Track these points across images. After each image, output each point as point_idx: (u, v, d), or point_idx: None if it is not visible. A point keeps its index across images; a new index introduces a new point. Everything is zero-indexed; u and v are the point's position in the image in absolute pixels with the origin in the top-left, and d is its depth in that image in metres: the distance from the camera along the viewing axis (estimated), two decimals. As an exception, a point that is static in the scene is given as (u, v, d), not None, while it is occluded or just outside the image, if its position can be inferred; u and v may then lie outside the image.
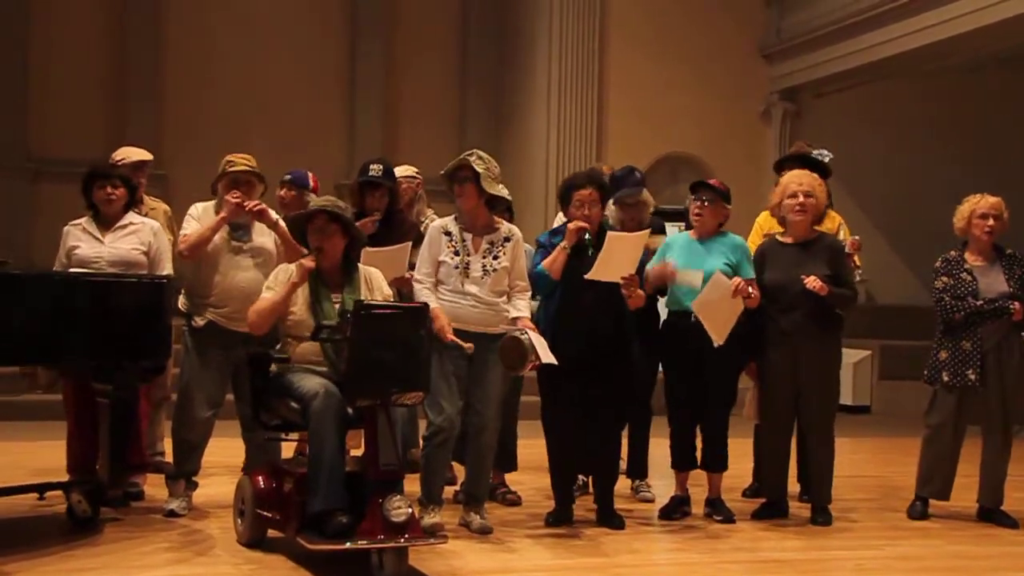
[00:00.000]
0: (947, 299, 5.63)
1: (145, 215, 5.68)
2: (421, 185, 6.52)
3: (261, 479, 4.62)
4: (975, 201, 5.70)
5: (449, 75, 12.81)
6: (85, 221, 5.35)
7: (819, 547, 5.15)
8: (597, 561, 4.71)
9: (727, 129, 11.98)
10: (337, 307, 4.63)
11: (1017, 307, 5.53)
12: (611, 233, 5.23)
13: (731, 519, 5.47)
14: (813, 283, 5.34)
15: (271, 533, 4.63)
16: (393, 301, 4.92)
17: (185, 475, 5.29)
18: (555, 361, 4.87)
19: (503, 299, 5.06)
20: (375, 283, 4.83)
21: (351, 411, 4.38)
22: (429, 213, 6.40)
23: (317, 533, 4.22)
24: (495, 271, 5.03)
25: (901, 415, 10.18)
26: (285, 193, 6.13)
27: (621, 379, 5.27)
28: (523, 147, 12.18)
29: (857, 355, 11.06)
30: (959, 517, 5.76)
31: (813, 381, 5.50)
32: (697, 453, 5.59)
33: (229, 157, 5.34)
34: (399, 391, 4.26)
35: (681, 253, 5.50)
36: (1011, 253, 5.72)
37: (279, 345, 4.81)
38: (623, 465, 5.88)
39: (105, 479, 4.87)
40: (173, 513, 5.16)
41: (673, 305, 5.51)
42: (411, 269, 5.34)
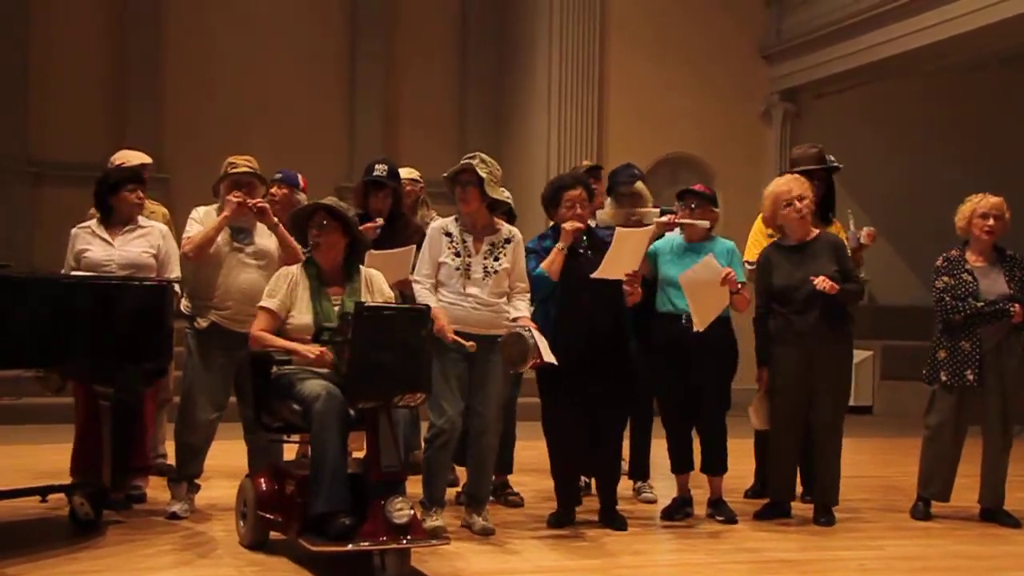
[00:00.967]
0: (947, 299, 5.63)
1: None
2: (423, 189, 6.52)
3: (263, 481, 4.62)
4: (976, 201, 5.70)
5: (449, 76, 12.81)
6: (93, 224, 5.35)
7: (822, 547, 5.15)
8: (599, 562, 4.71)
9: (727, 130, 11.97)
10: (337, 309, 4.63)
11: (1017, 309, 5.54)
12: (620, 229, 5.24)
13: (733, 520, 5.47)
14: (823, 283, 5.33)
15: (273, 535, 4.64)
16: (394, 303, 4.92)
17: (187, 478, 5.30)
18: (555, 361, 4.87)
19: (503, 300, 5.06)
20: (376, 285, 4.83)
21: (352, 413, 4.38)
22: (434, 215, 6.39)
23: (319, 535, 4.22)
24: (496, 273, 5.02)
25: (903, 415, 10.18)
26: (276, 191, 6.10)
27: (621, 379, 5.28)
28: (523, 148, 12.18)
29: (859, 355, 11.02)
30: (961, 517, 5.76)
31: (827, 382, 5.50)
32: (695, 456, 5.58)
33: (231, 159, 5.35)
34: (400, 392, 4.26)
35: (672, 258, 5.49)
36: (1012, 255, 5.73)
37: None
38: (624, 466, 5.89)
39: (107, 482, 4.87)
40: (175, 516, 5.16)
41: (664, 306, 5.50)
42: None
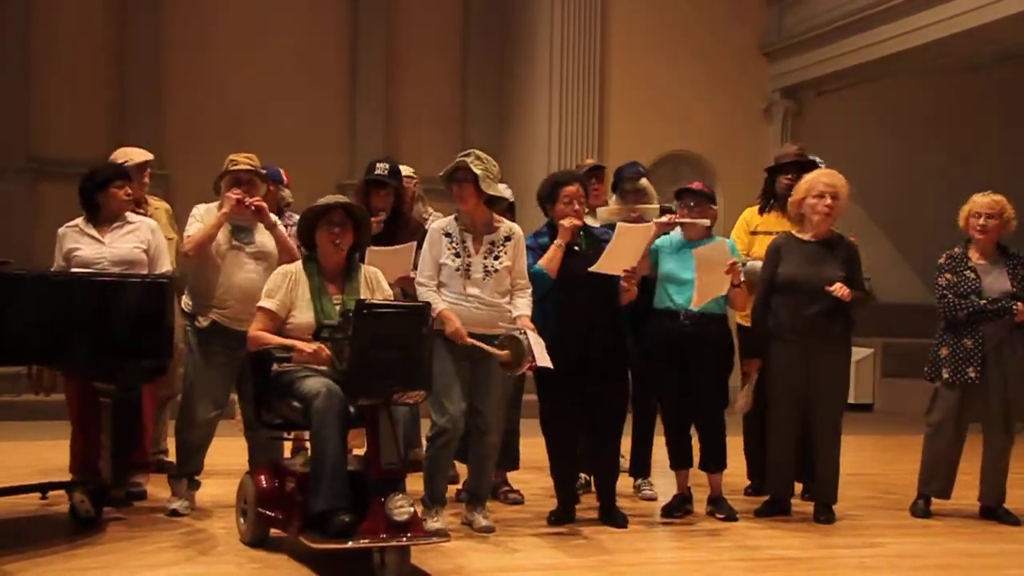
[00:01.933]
0: (951, 297, 5.63)
1: (148, 215, 5.69)
2: (419, 184, 6.53)
3: (263, 478, 4.63)
4: (974, 200, 5.70)
5: (450, 75, 12.80)
6: (81, 222, 5.28)
7: (822, 545, 5.15)
8: (599, 560, 4.71)
9: (729, 127, 11.98)
10: (338, 307, 4.63)
11: (1020, 307, 5.54)
12: (621, 224, 5.24)
13: (733, 517, 5.48)
14: (840, 290, 5.33)
15: (274, 532, 4.64)
16: (395, 300, 4.92)
17: (188, 475, 5.30)
18: (551, 365, 4.85)
19: (506, 299, 5.05)
20: (376, 282, 4.83)
21: (353, 410, 4.38)
22: (431, 211, 6.40)
23: (319, 532, 4.22)
24: (496, 271, 5.02)
25: (903, 413, 10.18)
26: None
27: (618, 377, 5.27)
28: (524, 147, 12.18)
29: (860, 353, 11.05)
30: (961, 515, 5.76)
31: (824, 380, 5.50)
32: (694, 453, 5.58)
33: (232, 156, 5.35)
34: (401, 390, 4.25)
35: (672, 256, 5.49)
36: (1015, 253, 5.73)
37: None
38: (625, 463, 5.89)
39: (108, 479, 4.88)
40: (176, 513, 5.16)
41: (662, 303, 5.50)
42: (416, 269, 5.32)
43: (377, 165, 5.86)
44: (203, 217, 5.27)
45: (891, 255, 12.13)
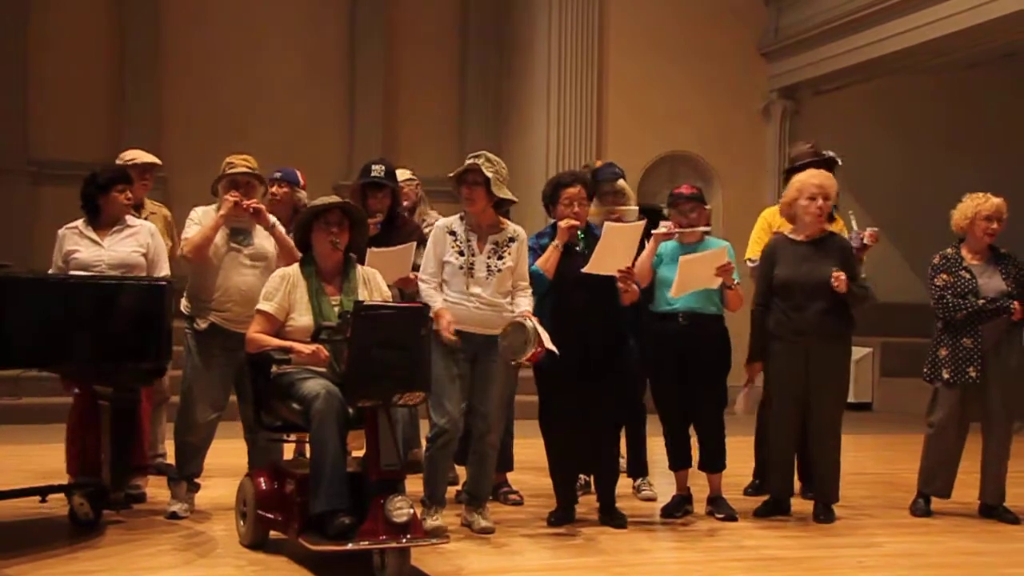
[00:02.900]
0: (948, 297, 5.63)
1: (145, 219, 5.68)
2: (420, 187, 6.53)
3: (263, 480, 4.62)
4: (980, 201, 5.68)
5: (448, 75, 12.80)
6: (81, 224, 5.29)
7: (821, 544, 5.15)
8: (599, 560, 4.71)
9: (727, 128, 11.97)
10: (337, 308, 4.63)
11: (1017, 306, 5.55)
12: (609, 224, 5.22)
13: (733, 517, 5.48)
14: (837, 280, 5.33)
15: (273, 534, 4.63)
16: (393, 301, 4.92)
17: (187, 477, 5.30)
18: (556, 350, 4.84)
19: (507, 300, 5.05)
20: (374, 284, 4.83)
21: (352, 412, 4.37)
22: (432, 214, 6.39)
23: (319, 534, 4.22)
24: (499, 272, 5.02)
25: (902, 412, 10.18)
26: (277, 189, 6.09)
27: (617, 377, 5.27)
28: (523, 147, 12.18)
29: (859, 352, 11.05)
30: (961, 514, 5.76)
31: (824, 379, 5.50)
32: (693, 453, 5.58)
33: (229, 158, 5.35)
34: (400, 391, 4.25)
35: (670, 261, 5.49)
36: (1006, 252, 5.74)
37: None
38: (623, 463, 5.89)
39: (107, 482, 4.87)
40: (175, 515, 5.16)
41: (660, 306, 5.49)
42: (415, 270, 5.32)
43: (373, 167, 5.85)
44: (201, 220, 5.27)
45: (890, 254, 12.10)
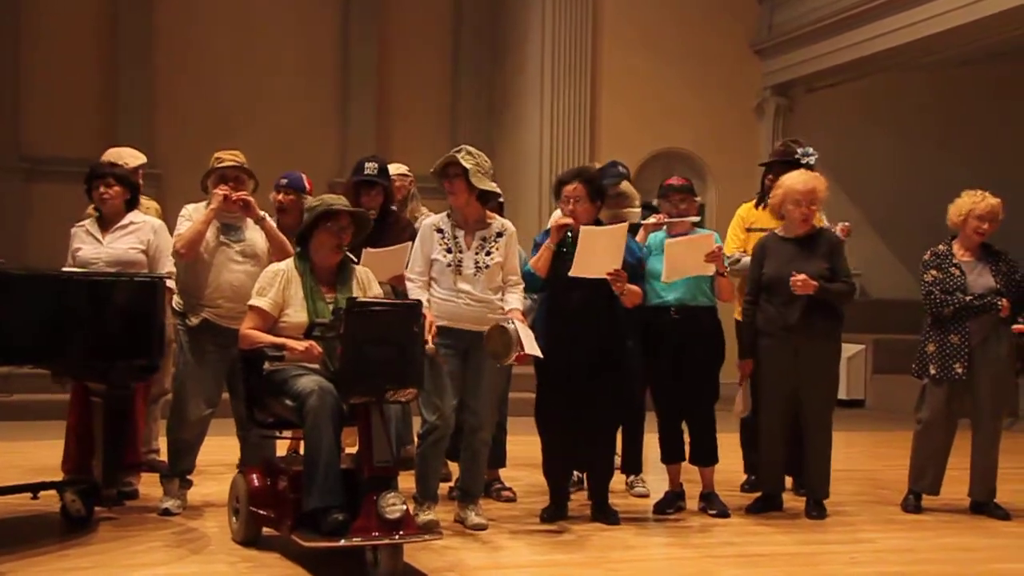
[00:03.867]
0: (936, 293, 5.66)
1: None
2: (413, 183, 6.52)
3: (256, 477, 4.62)
4: (976, 200, 5.69)
5: (442, 70, 12.82)
6: (88, 223, 5.41)
7: (813, 540, 5.16)
8: (592, 556, 4.72)
9: (720, 125, 12.00)
10: (331, 306, 4.63)
11: (1005, 304, 5.57)
12: (584, 228, 5.15)
13: (725, 513, 5.49)
14: (799, 285, 5.34)
15: (266, 531, 4.63)
16: (385, 299, 4.92)
17: (180, 474, 5.30)
18: (539, 353, 4.85)
19: (497, 296, 5.05)
20: (366, 282, 4.83)
21: (345, 408, 4.38)
22: (424, 211, 6.38)
23: (312, 530, 4.22)
24: (488, 267, 5.02)
25: (895, 409, 10.20)
26: (283, 197, 6.03)
27: (614, 376, 5.27)
28: (516, 143, 12.19)
29: (851, 349, 11.08)
30: (952, 510, 5.78)
31: (813, 376, 5.51)
32: (686, 447, 5.60)
33: (218, 154, 5.36)
34: (393, 388, 4.26)
35: (660, 252, 5.49)
36: (997, 250, 5.76)
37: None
38: (617, 460, 5.90)
39: (99, 478, 4.87)
40: (168, 512, 5.16)
41: (652, 299, 5.50)
42: (410, 268, 5.32)
43: (366, 165, 5.84)
44: (192, 216, 5.27)
45: (882, 251, 12.16)
